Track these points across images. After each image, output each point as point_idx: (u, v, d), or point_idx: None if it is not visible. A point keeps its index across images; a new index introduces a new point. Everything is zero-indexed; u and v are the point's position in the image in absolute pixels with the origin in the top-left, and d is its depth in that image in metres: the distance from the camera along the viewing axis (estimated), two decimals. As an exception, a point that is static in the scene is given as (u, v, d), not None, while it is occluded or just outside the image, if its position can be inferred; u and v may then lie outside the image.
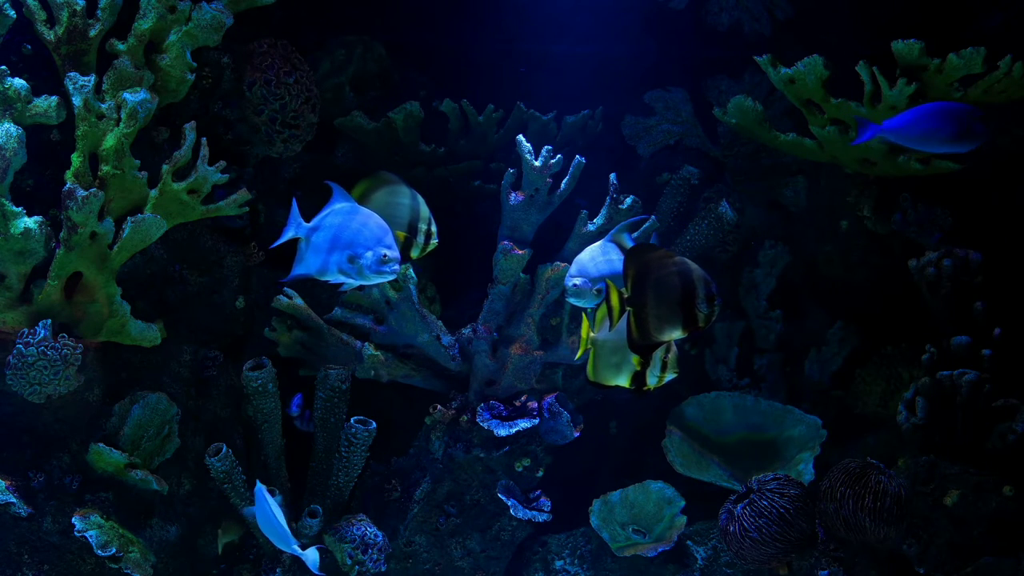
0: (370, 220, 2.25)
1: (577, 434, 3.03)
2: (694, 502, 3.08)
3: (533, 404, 2.99)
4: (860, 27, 3.13)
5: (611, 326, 2.26)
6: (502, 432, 2.89)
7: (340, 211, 2.27)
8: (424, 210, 2.40)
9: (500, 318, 3.01)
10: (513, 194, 2.83)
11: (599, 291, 2.38)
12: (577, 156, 2.80)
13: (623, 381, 2.33)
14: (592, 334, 2.34)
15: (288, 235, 2.29)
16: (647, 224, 2.93)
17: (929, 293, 2.86)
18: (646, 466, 3.23)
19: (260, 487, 2.55)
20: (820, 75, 2.68)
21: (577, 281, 2.39)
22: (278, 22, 3.02)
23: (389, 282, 2.84)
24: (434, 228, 2.41)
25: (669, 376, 2.33)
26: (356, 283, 2.30)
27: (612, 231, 2.44)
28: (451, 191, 3.38)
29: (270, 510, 2.51)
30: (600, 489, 3.12)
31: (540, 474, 3.09)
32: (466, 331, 3.05)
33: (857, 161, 2.88)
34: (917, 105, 2.62)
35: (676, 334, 2.13)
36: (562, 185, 2.82)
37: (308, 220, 2.28)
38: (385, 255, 2.21)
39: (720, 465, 3.11)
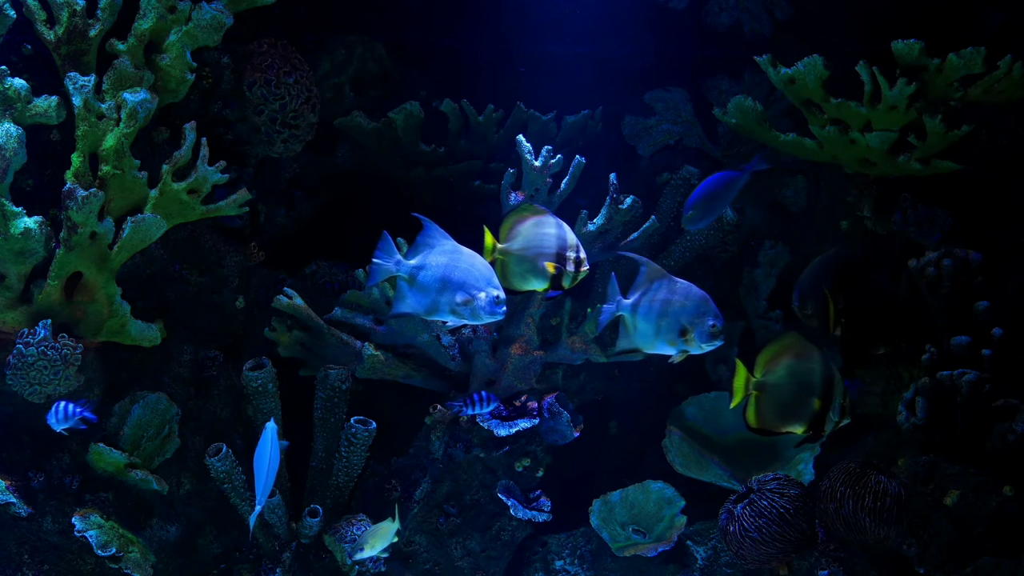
0: (475, 260, 2.24)
1: (577, 434, 3.02)
2: (694, 502, 3.08)
3: (533, 404, 2.99)
4: (860, 27, 3.13)
5: (830, 332, 2.21)
6: (502, 432, 2.89)
7: (444, 250, 2.23)
8: (570, 237, 2.33)
9: (500, 318, 3.01)
10: (513, 194, 2.82)
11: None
12: (577, 156, 2.80)
13: (797, 428, 2.30)
14: (755, 378, 2.29)
15: (387, 273, 2.24)
16: (647, 224, 2.93)
17: (929, 293, 2.86)
18: (646, 466, 3.23)
19: (271, 426, 2.48)
20: (820, 75, 2.68)
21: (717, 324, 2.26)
22: (278, 22, 3.02)
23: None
24: (582, 254, 2.33)
25: (844, 422, 2.31)
26: (462, 323, 2.28)
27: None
28: (451, 191, 3.38)
29: (269, 453, 2.44)
30: (600, 489, 3.12)
31: (540, 474, 3.08)
32: (466, 331, 3.04)
33: (857, 161, 2.88)
34: (916, 105, 2.63)
35: (880, 349, 2.11)
36: (562, 185, 2.82)
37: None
38: (498, 296, 2.20)
39: (720, 465, 3.11)
